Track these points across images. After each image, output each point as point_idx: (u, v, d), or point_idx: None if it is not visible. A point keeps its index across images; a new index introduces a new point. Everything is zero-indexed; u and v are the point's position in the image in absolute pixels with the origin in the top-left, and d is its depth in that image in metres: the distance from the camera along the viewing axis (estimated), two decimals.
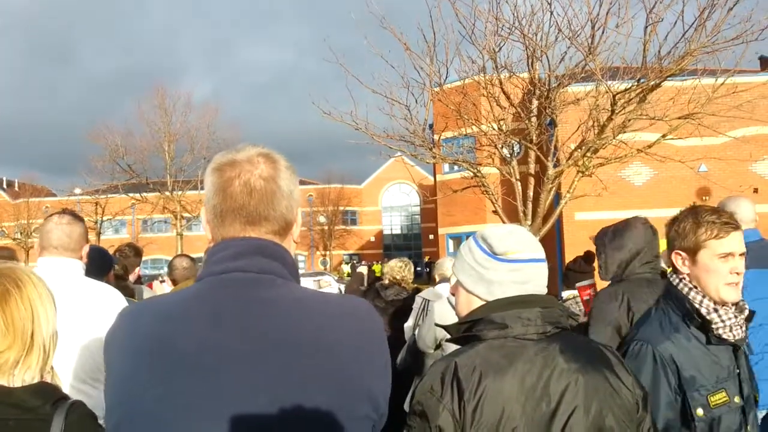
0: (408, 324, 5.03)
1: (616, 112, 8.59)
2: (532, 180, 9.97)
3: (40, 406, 1.58)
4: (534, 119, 9.64)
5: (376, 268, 35.56)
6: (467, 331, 1.82)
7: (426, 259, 52.00)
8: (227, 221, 1.38)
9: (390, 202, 66.07)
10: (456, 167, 27.29)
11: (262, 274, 1.34)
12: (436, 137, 11.17)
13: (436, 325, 2.42)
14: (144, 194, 36.73)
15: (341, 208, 59.48)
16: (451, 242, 28.14)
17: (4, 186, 60.18)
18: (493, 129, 9.93)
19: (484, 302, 1.84)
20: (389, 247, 63.97)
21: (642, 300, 3.02)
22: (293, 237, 1.45)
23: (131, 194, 37.69)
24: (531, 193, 9.83)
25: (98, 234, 44.73)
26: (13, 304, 1.63)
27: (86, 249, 2.91)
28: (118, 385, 1.31)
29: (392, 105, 9.67)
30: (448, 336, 1.93)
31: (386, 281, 6.05)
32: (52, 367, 1.73)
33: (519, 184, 9.85)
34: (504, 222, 9.80)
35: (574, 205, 11.89)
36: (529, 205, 9.80)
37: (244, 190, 1.35)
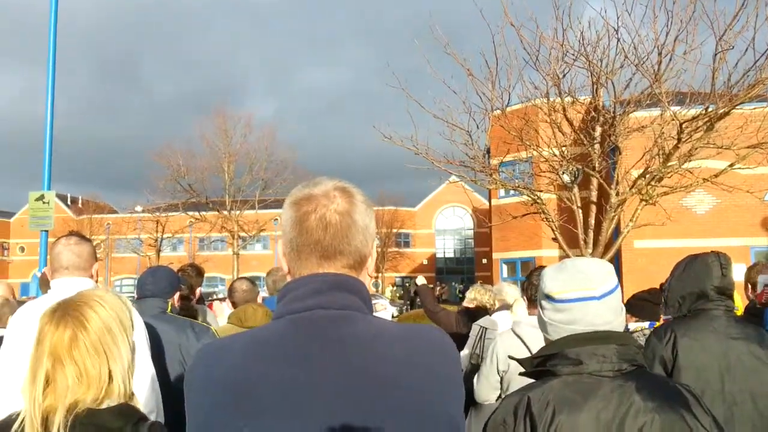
0: (464, 353, 4.95)
1: (683, 140, 8.41)
2: (593, 207, 9.81)
3: (122, 427, 1.64)
4: (597, 146, 9.51)
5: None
6: (540, 365, 1.82)
7: (478, 283, 51.29)
8: (303, 255, 1.39)
9: (444, 225, 65.83)
10: (513, 192, 27.26)
11: (342, 310, 1.35)
12: (495, 162, 11.12)
13: (510, 357, 2.38)
14: (203, 213, 37.57)
15: (394, 231, 59.53)
16: (504, 267, 27.77)
17: (69, 202, 62.28)
18: (554, 154, 9.84)
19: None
20: (442, 270, 63.64)
21: (692, 337, 2.93)
22: (368, 270, 1.45)
23: (190, 212, 38.62)
24: (592, 220, 9.66)
25: (158, 251, 45.84)
26: (83, 349, 1.66)
27: (96, 267, 2.98)
28: (203, 425, 1.32)
29: (453, 130, 9.70)
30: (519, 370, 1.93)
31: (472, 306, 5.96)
32: (132, 391, 1.78)
33: (580, 211, 9.71)
34: (564, 249, 9.66)
35: (634, 233, 11.67)
36: (590, 233, 9.63)
37: (320, 225, 1.36)
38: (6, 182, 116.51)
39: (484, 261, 57.97)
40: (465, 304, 6.02)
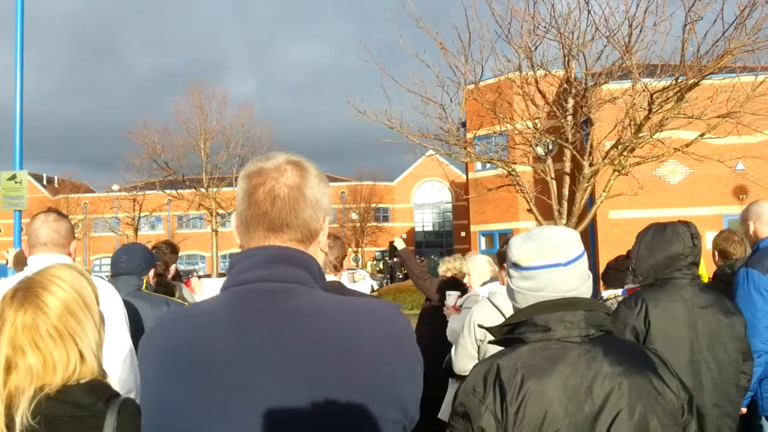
0: (453, 326, 4.95)
1: (654, 110, 8.50)
2: (567, 179, 9.91)
3: (94, 404, 1.62)
4: (570, 117, 9.60)
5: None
6: (509, 333, 1.84)
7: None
8: (251, 228, 1.39)
9: (422, 199, 66.01)
10: (489, 165, 27.31)
11: (284, 282, 1.34)
12: (470, 135, 11.17)
13: (479, 326, 2.42)
14: (180, 191, 37.23)
15: (373, 205, 59.56)
16: (483, 239, 27.89)
17: (44, 182, 61.43)
18: (528, 127, 9.91)
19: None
20: (421, 243, 63.91)
21: (663, 308, 2.99)
22: (320, 245, 1.44)
23: (168, 191, 38.25)
24: (566, 191, 9.77)
25: (135, 230, 45.45)
26: (46, 336, 1.62)
27: (74, 245, 2.97)
28: (155, 393, 1.32)
29: (427, 104, 9.71)
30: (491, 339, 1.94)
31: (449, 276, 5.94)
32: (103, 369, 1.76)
33: (554, 182, 9.81)
34: (538, 220, 9.78)
35: (608, 204, 11.77)
36: (564, 204, 9.75)
37: (267, 198, 1.36)
38: None
39: (463, 234, 58.14)
40: (441, 275, 6.03)
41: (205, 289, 5.98)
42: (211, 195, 35.61)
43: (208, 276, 34.70)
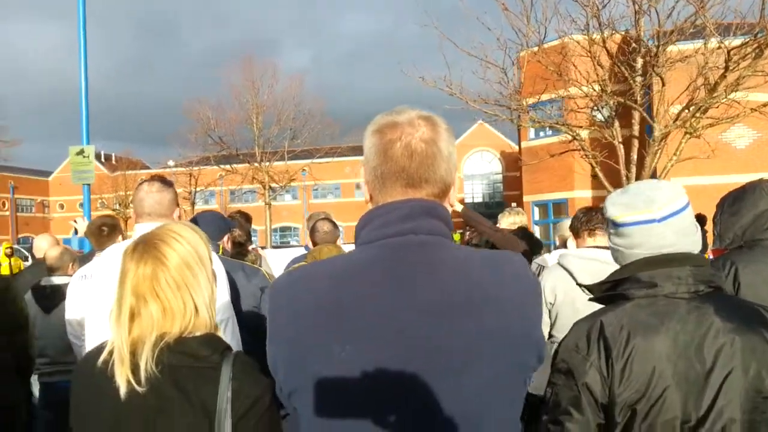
0: None
1: (730, 68, 8.12)
2: (635, 142, 9.57)
3: (210, 355, 1.66)
4: (638, 78, 9.24)
5: (456, 237, 35.54)
6: (611, 290, 1.79)
7: None
8: (388, 183, 1.38)
9: (472, 170, 65.15)
10: (543, 133, 26.74)
11: (431, 235, 1.35)
12: (531, 100, 10.87)
13: (580, 285, 2.33)
14: (234, 165, 37.82)
15: None
16: (536, 210, 27.44)
17: (103, 160, 63.03)
18: (594, 90, 9.59)
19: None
20: None
21: (753, 270, 2.81)
22: (449, 200, 1.44)
23: (222, 165, 38.86)
24: (635, 156, 9.45)
25: (192, 204, 46.40)
26: (164, 286, 1.68)
27: (177, 213, 3.02)
28: (294, 350, 1.33)
29: (486, 68, 9.50)
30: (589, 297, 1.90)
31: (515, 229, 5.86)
32: (216, 324, 1.80)
33: (622, 146, 9.49)
34: (605, 187, 9.50)
35: (672, 171, 11.42)
36: (633, 169, 9.44)
37: (405, 153, 1.35)
38: (43, 142, 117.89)
39: (514, 205, 57.30)
40: (507, 228, 5.92)
41: (269, 260, 6.04)
42: (264, 169, 36.04)
43: (263, 248, 35.18)
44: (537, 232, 26.29)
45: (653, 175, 9.66)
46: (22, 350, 3.41)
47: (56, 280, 4.72)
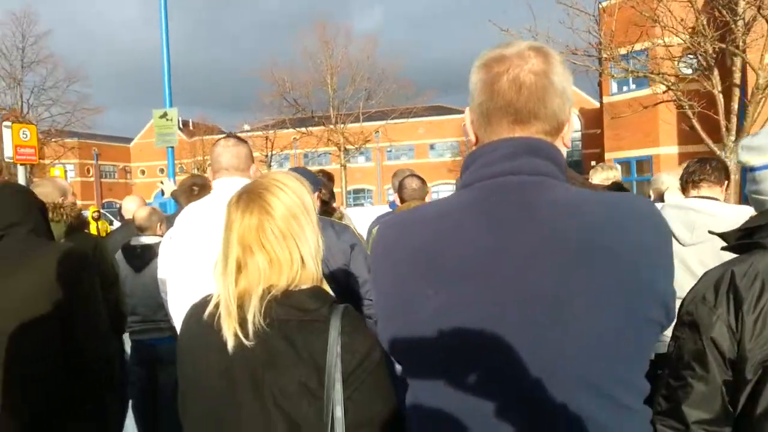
0: None
1: None
2: (736, 91, 8.89)
3: (318, 309, 1.59)
4: (740, 23, 8.55)
5: None
6: (746, 238, 1.67)
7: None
8: (494, 120, 1.30)
9: None
10: (626, 87, 25.63)
11: (535, 176, 1.26)
12: (622, 51, 10.24)
13: (710, 232, 2.15)
14: (309, 128, 38.22)
15: None
16: (618, 168, 26.49)
17: (180, 126, 64.71)
18: (690, 37, 8.94)
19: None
20: None
21: None
22: (564, 140, 1.34)
23: (297, 128, 39.32)
24: (735, 105, 8.80)
25: (269, 167, 47.27)
26: (270, 236, 1.62)
27: (254, 168, 3.05)
28: (393, 296, 1.31)
29: (575, 17, 8.99)
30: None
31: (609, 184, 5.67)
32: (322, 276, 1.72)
33: (721, 96, 8.86)
34: (705, 141, 8.90)
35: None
36: (733, 120, 8.80)
37: (512, 87, 1.26)
38: (123, 109, 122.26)
39: (593, 163, 55.76)
40: (599, 183, 5.72)
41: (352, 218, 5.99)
42: (339, 130, 36.24)
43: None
44: None
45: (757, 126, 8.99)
46: (114, 307, 3.44)
47: (145, 239, 4.78)
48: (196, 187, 4.64)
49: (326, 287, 1.70)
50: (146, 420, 4.76)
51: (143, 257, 4.69)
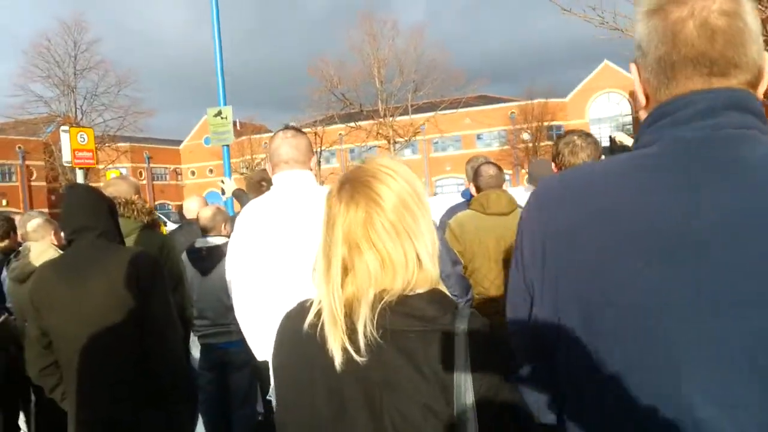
0: None
1: None
2: None
3: (441, 317, 1.35)
4: None
5: None
6: None
7: None
8: (680, 75, 1.12)
9: (598, 113, 62.31)
10: None
11: (740, 129, 1.09)
12: None
13: None
14: (358, 123, 38.21)
15: (545, 124, 57.23)
16: None
17: None
18: None
19: None
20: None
21: None
22: (761, 89, 1.16)
23: (346, 124, 39.36)
24: None
25: (318, 163, 47.49)
26: (381, 232, 1.37)
27: (314, 161, 2.92)
28: (579, 267, 1.17)
29: None
30: None
31: None
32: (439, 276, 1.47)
33: None
34: None
35: None
36: None
37: (702, 33, 1.09)
38: (171, 112, 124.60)
39: None
40: None
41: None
42: (388, 123, 36.11)
43: None
44: None
45: None
46: (180, 309, 3.32)
47: (211, 240, 4.63)
48: (265, 182, 4.48)
49: (444, 289, 1.46)
50: (217, 426, 4.63)
51: (210, 259, 4.55)
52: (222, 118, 9.09)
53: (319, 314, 1.40)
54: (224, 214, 4.89)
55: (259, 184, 4.48)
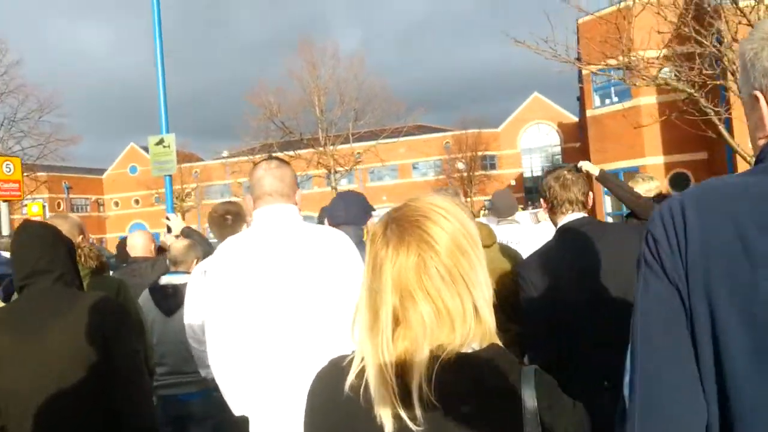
0: None
1: None
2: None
3: (504, 379, 1.23)
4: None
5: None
6: None
7: None
8: None
9: (529, 143, 64.09)
10: (608, 100, 25.53)
11: None
12: (651, 54, 9.72)
13: None
14: (297, 152, 37.74)
15: (479, 153, 58.32)
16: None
17: None
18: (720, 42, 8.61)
19: None
20: (531, 189, 62.17)
21: None
22: None
23: (286, 152, 38.84)
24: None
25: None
26: (436, 278, 1.23)
27: (299, 194, 2.75)
28: (702, 280, 1.10)
29: (555, 31, 8.58)
30: None
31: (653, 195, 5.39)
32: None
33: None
34: (729, 143, 8.56)
35: None
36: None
37: None
38: (94, 140, 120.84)
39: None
40: (645, 194, 5.36)
41: None
42: (329, 152, 35.83)
43: None
44: (608, 203, 25.52)
45: None
46: (144, 359, 3.00)
47: (178, 278, 4.27)
48: (229, 216, 4.12)
49: (498, 341, 1.31)
50: None
51: (176, 298, 4.14)
52: (164, 146, 8.65)
53: (361, 374, 1.23)
54: (198, 250, 4.53)
55: (222, 218, 4.12)
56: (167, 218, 5.88)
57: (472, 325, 1.23)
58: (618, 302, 2.70)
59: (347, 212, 3.39)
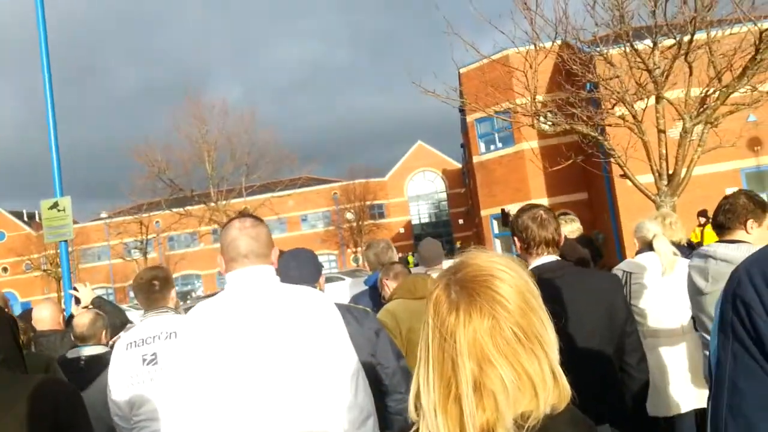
0: None
1: (762, 50, 7.76)
2: (663, 137, 9.05)
3: None
4: (658, 71, 8.78)
5: (410, 259, 35.48)
6: None
7: (458, 244, 51.43)
8: None
9: (416, 191, 65.61)
10: (493, 146, 26.61)
11: None
12: (542, 98, 10.19)
13: None
14: (187, 208, 36.36)
15: (368, 203, 58.90)
16: (495, 223, 27.83)
17: (26, 219, 59.93)
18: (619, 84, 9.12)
19: None
20: (420, 236, 63.35)
21: None
22: None
23: (174, 209, 37.26)
24: (664, 150, 8.95)
25: (145, 254, 44.37)
26: (512, 340, 1.16)
27: (276, 253, 2.54)
28: None
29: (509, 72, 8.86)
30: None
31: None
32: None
33: (651, 140, 8.98)
34: (633, 182, 8.97)
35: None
36: (664, 165, 8.95)
37: None
38: None
39: (461, 221, 58.04)
40: (569, 236, 5.45)
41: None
42: (221, 208, 34.74)
43: (210, 296, 34.17)
44: (498, 245, 26.40)
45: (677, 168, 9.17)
46: None
47: (88, 350, 4.05)
48: (156, 282, 3.69)
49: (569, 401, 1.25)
50: None
51: (89, 371, 3.87)
52: (59, 210, 7.93)
53: None
54: (104, 319, 4.26)
55: (149, 284, 3.67)
56: (75, 289, 5.47)
57: (551, 388, 1.16)
58: (591, 350, 2.71)
59: (301, 271, 3.19)
